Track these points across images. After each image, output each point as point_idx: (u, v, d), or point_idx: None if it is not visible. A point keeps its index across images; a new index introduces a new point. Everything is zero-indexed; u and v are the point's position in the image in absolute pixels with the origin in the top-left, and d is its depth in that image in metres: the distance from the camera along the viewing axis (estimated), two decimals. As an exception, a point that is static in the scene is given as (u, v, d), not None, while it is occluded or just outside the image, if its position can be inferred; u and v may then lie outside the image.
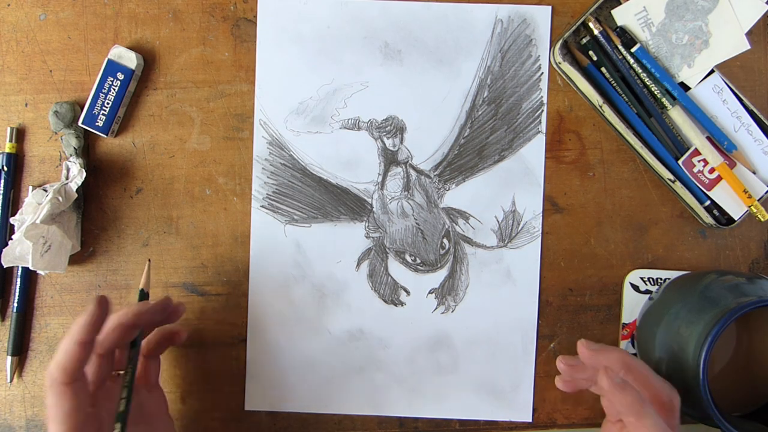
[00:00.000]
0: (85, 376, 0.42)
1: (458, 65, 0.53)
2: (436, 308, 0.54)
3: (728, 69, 0.53)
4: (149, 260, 0.51)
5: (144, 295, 0.49)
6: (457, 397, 0.53)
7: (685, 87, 0.52)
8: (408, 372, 0.54)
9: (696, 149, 0.52)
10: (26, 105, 0.54)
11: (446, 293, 0.54)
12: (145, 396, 0.48)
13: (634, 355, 0.53)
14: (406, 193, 0.54)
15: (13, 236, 0.50)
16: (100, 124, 0.52)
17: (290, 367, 0.53)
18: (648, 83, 0.52)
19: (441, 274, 0.54)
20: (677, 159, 0.52)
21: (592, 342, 0.45)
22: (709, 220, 0.52)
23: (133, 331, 0.45)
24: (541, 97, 0.53)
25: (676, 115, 0.52)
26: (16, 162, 0.53)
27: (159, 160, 0.54)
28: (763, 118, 0.52)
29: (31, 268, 0.49)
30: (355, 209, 0.54)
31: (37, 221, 0.49)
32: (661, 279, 0.53)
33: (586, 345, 0.45)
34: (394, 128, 0.53)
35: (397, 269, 0.54)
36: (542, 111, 0.53)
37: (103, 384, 0.45)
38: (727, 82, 0.52)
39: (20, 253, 0.49)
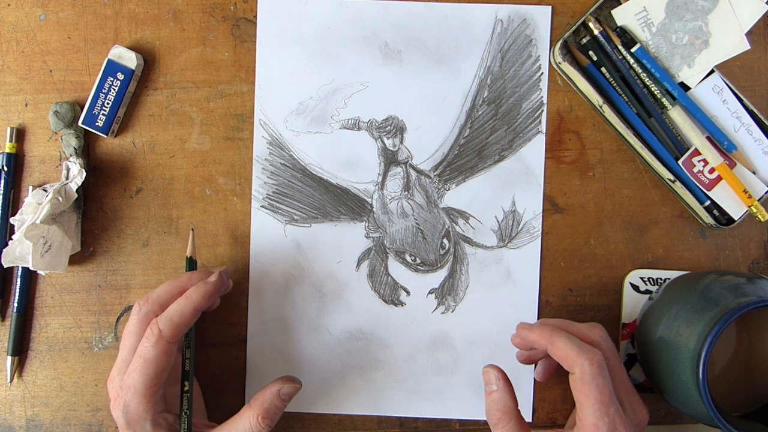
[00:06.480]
0: None
1: (458, 65, 0.53)
2: (436, 308, 0.54)
3: (728, 69, 0.53)
4: (192, 229, 0.52)
5: (192, 263, 0.49)
6: (457, 397, 0.53)
7: (685, 87, 0.52)
8: (408, 372, 0.54)
9: (696, 149, 0.52)
10: (26, 105, 0.54)
11: (446, 293, 0.54)
12: (178, 358, 0.50)
13: (634, 355, 0.53)
14: (406, 193, 0.54)
15: (13, 236, 0.50)
16: (100, 124, 0.52)
17: (290, 367, 0.53)
18: (648, 83, 0.52)
19: (441, 274, 0.54)
20: (677, 159, 0.52)
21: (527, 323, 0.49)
22: (709, 220, 0.52)
23: None
24: (541, 97, 0.53)
25: (676, 115, 0.52)
26: (16, 162, 0.53)
27: (159, 160, 0.54)
28: (763, 118, 0.52)
29: (31, 268, 0.49)
30: (355, 209, 0.54)
31: (37, 221, 0.49)
32: (661, 279, 0.53)
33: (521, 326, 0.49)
34: (394, 128, 0.53)
35: (397, 269, 0.54)
36: (542, 111, 0.53)
37: None
38: (727, 82, 0.52)
39: (20, 253, 0.49)
